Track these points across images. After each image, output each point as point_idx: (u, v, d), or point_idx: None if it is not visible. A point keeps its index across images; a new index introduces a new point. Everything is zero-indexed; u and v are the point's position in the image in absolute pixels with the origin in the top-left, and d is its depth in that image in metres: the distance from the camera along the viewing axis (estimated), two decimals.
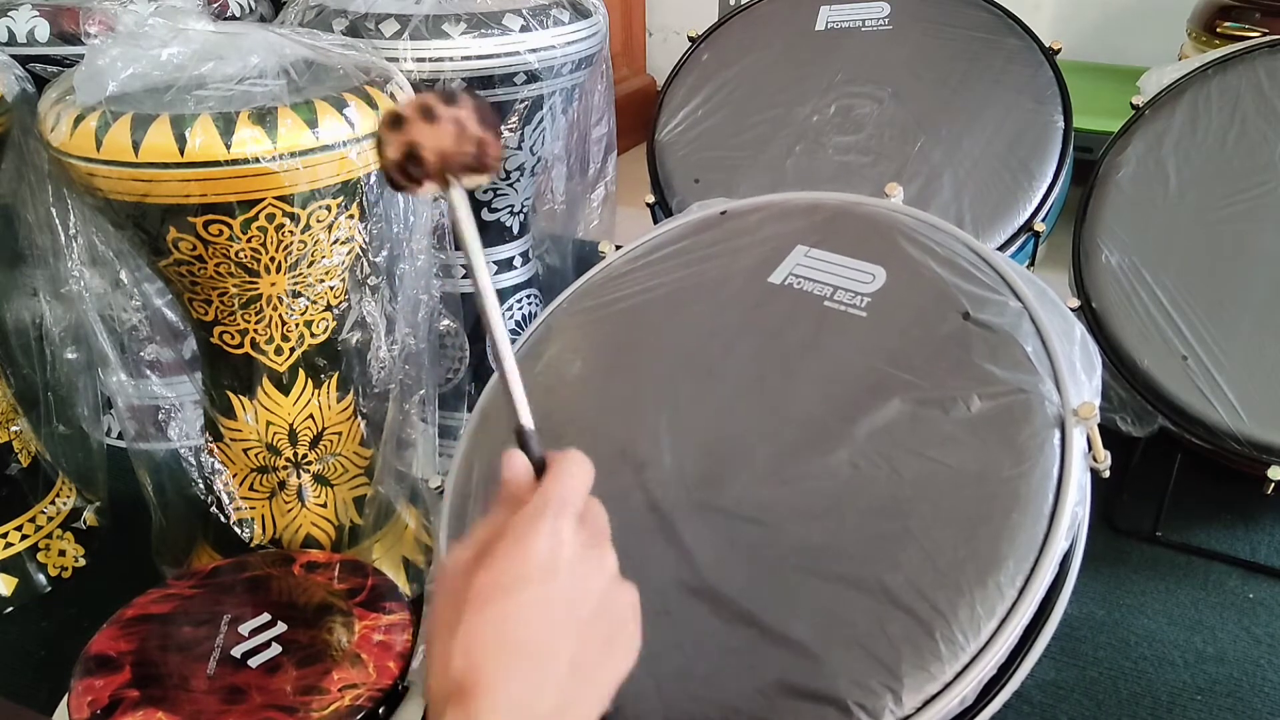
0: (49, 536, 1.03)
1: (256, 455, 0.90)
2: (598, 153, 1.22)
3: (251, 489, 0.91)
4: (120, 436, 1.12)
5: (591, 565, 0.46)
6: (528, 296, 1.18)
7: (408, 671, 0.75)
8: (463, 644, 0.42)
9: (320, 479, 0.92)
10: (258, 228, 0.77)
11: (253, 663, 0.74)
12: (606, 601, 0.46)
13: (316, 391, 0.89)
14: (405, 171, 0.46)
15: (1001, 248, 1.09)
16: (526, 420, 0.49)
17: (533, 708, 0.42)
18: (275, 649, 0.75)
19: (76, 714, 0.70)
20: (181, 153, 0.71)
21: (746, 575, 0.69)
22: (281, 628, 0.77)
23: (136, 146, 0.72)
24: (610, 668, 0.46)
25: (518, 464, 0.48)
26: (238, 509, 0.91)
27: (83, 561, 1.05)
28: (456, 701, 0.41)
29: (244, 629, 0.77)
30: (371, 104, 0.79)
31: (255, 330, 0.84)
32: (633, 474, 0.76)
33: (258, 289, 0.81)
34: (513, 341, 1.14)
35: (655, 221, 1.24)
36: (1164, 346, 1.00)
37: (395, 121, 0.45)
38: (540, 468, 0.48)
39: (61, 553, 1.04)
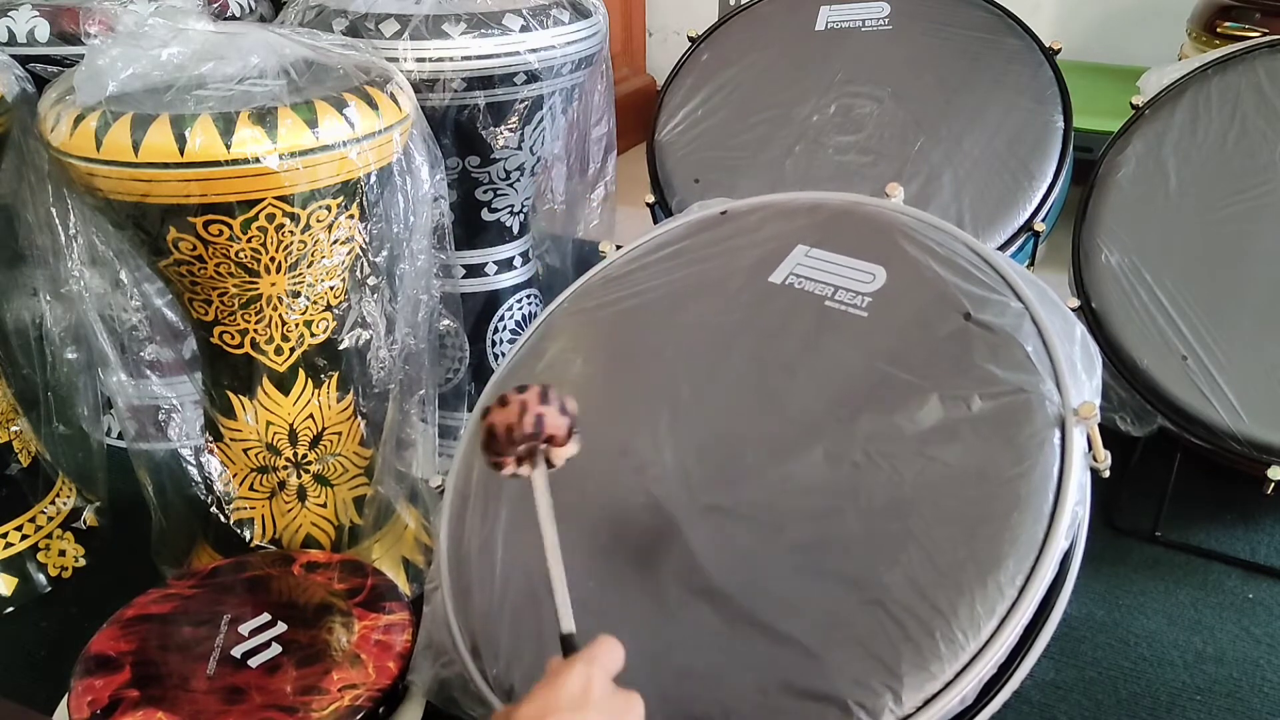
0: (49, 536, 1.03)
1: (256, 455, 0.90)
2: (598, 153, 1.22)
3: (251, 489, 0.91)
4: (120, 436, 1.12)
5: (620, 703, 0.52)
6: (528, 296, 1.18)
7: (407, 671, 0.75)
8: None
9: (320, 479, 0.92)
10: (258, 228, 0.77)
11: (253, 663, 0.74)
12: None
13: (316, 391, 0.89)
14: (488, 448, 0.58)
15: (1001, 248, 1.09)
16: (568, 626, 0.55)
17: None
18: (275, 649, 0.75)
19: (76, 714, 0.70)
20: (181, 153, 0.71)
21: (747, 575, 0.69)
22: (281, 628, 0.77)
23: (136, 146, 0.72)
24: None
25: (556, 660, 0.55)
26: (238, 509, 0.91)
27: (83, 561, 1.05)
28: None
29: (244, 629, 0.77)
30: (371, 104, 0.79)
31: (255, 330, 0.84)
32: (633, 474, 0.76)
33: (258, 289, 0.81)
34: (512, 341, 1.14)
35: (655, 221, 1.24)
36: (1164, 346, 1.00)
37: (483, 414, 0.58)
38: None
39: (62, 553, 1.04)
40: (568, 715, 0.49)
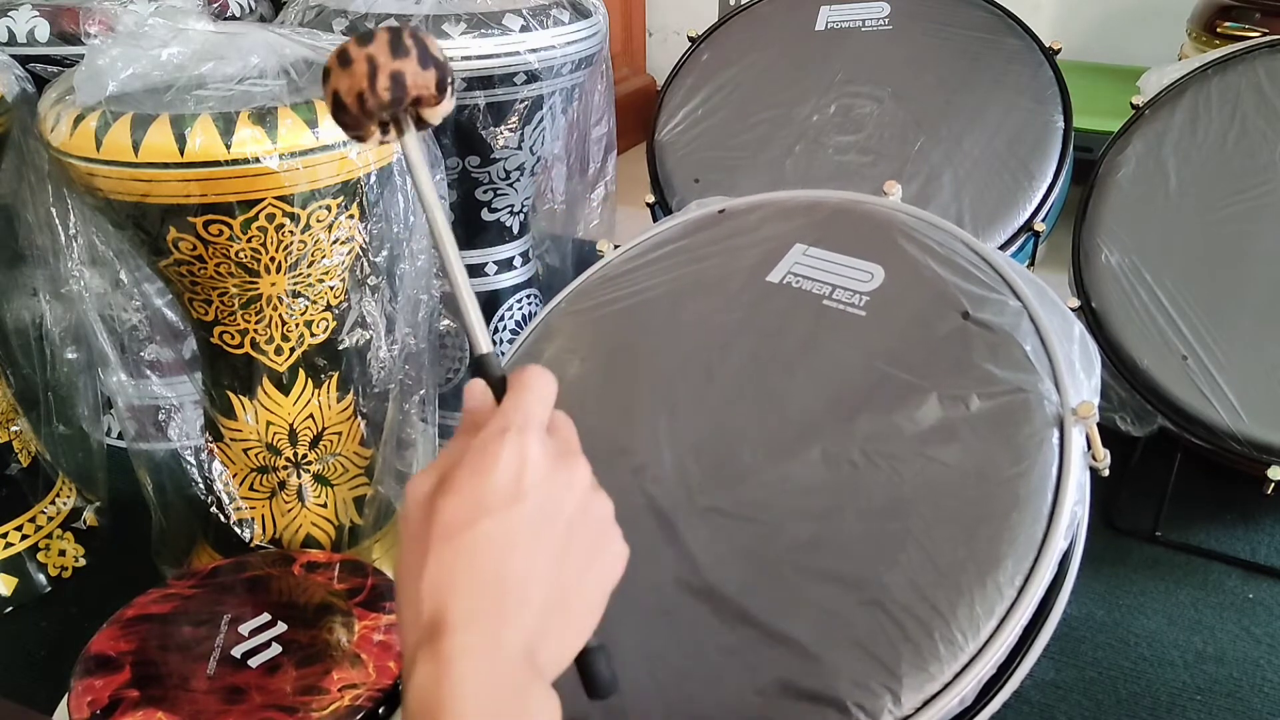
0: (49, 536, 1.03)
1: (256, 455, 0.90)
2: (597, 152, 1.22)
3: (251, 489, 0.91)
4: (120, 436, 1.12)
5: (560, 483, 0.42)
6: (527, 296, 1.18)
7: None
8: (430, 584, 0.39)
9: (320, 479, 0.92)
10: (258, 228, 0.77)
11: (253, 663, 0.73)
12: (581, 519, 0.42)
13: (316, 391, 0.89)
14: (341, 122, 0.45)
15: (1002, 247, 1.09)
16: (485, 345, 0.46)
17: (507, 642, 0.39)
18: (275, 649, 0.75)
19: (76, 714, 0.69)
20: (181, 153, 0.71)
21: (746, 575, 0.69)
22: (281, 628, 0.77)
23: (136, 146, 0.72)
24: (593, 586, 0.43)
25: (477, 390, 0.45)
26: (238, 509, 0.91)
27: (83, 561, 1.05)
28: (427, 645, 0.38)
29: (244, 629, 0.76)
30: None
31: (255, 330, 0.84)
32: (632, 474, 0.76)
33: (258, 289, 0.81)
34: (511, 341, 1.15)
35: (655, 221, 1.24)
36: (1164, 346, 1.00)
37: (324, 75, 0.45)
38: (501, 390, 0.45)
39: (61, 553, 1.04)
40: (492, 522, 0.39)
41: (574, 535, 0.42)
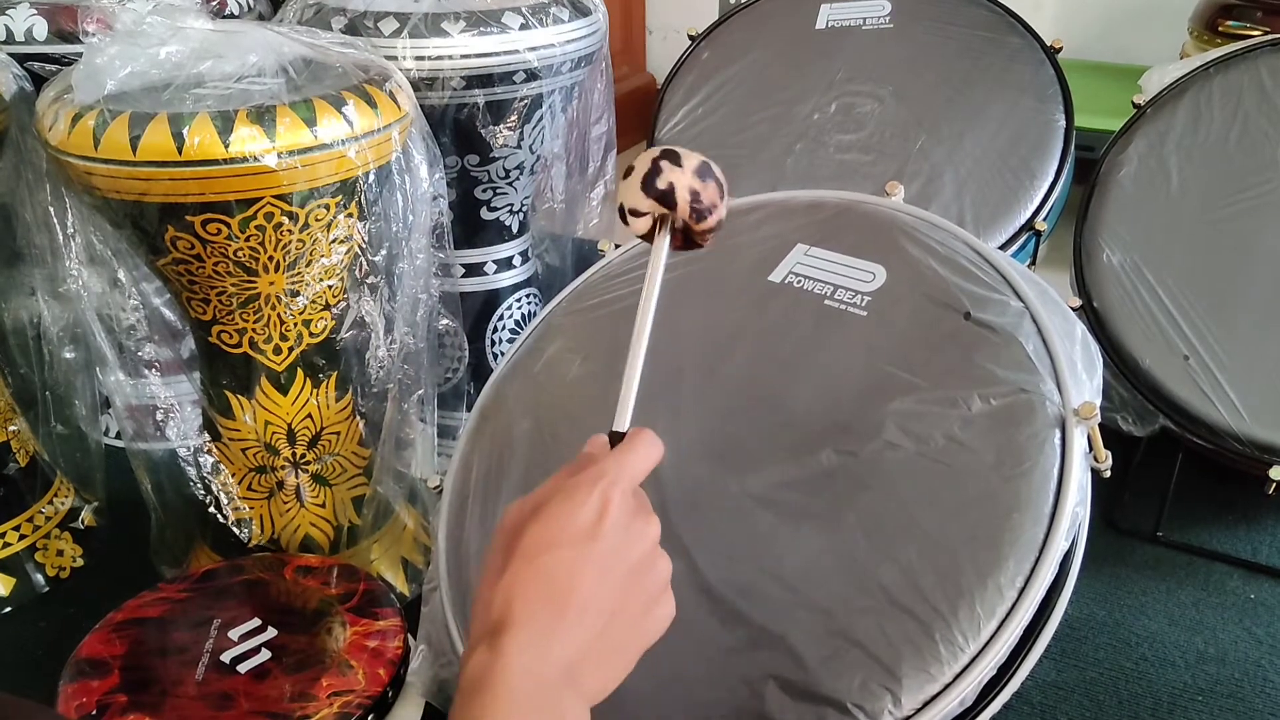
0: (47, 536, 1.03)
1: (255, 455, 0.89)
2: (597, 151, 1.22)
3: (250, 489, 0.91)
4: (118, 436, 1.12)
5: (634, 534, 0.48)
6: (527, 296, 1.18)
7: (397, 679, 0.74)
8: (504, 590, 0.45)
9: (319, 479, 0.92)
10: (256, 226, 0.76)
11: (242, 668, 0.73)
12: (643, 570, 0.48)
13: (315, 391, 0.89)
14: (650, 190, 0.53)
15: (1003, 247, 1.09)
16: (624, 428, 0.52)
17: (555, 651, 0.44)
18: (265, 654, 0.74)
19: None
20: (179, 151, 0.71)
21: (746, 575, 0.68)
22: (272, 633, 0.76)
23: (134, 145, 0.71)
24: (638, 634, 0.48)
25: (599, 441, 0.52)
26: (236, 509, 0.91)
27: (81, 561, 1.05)
28: (488, 637, 0.45)
29: (234, 634, 0.76)
30: (370, 102, 0.78)
31: (253, 329, 0.84)
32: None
33: (256, 288, 0.81)
34: (511, 341, 1.14)
35: None
36: (1165, 346, 1.00)
37: (672, 157, 0.53)
38: (617, 442, 0.52)
39: (59, 553, 1.03)
40: (568, 552, 0.46)
41: (633, 583, 0.47)
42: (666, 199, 0.53)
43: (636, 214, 0.54)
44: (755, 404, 0.77)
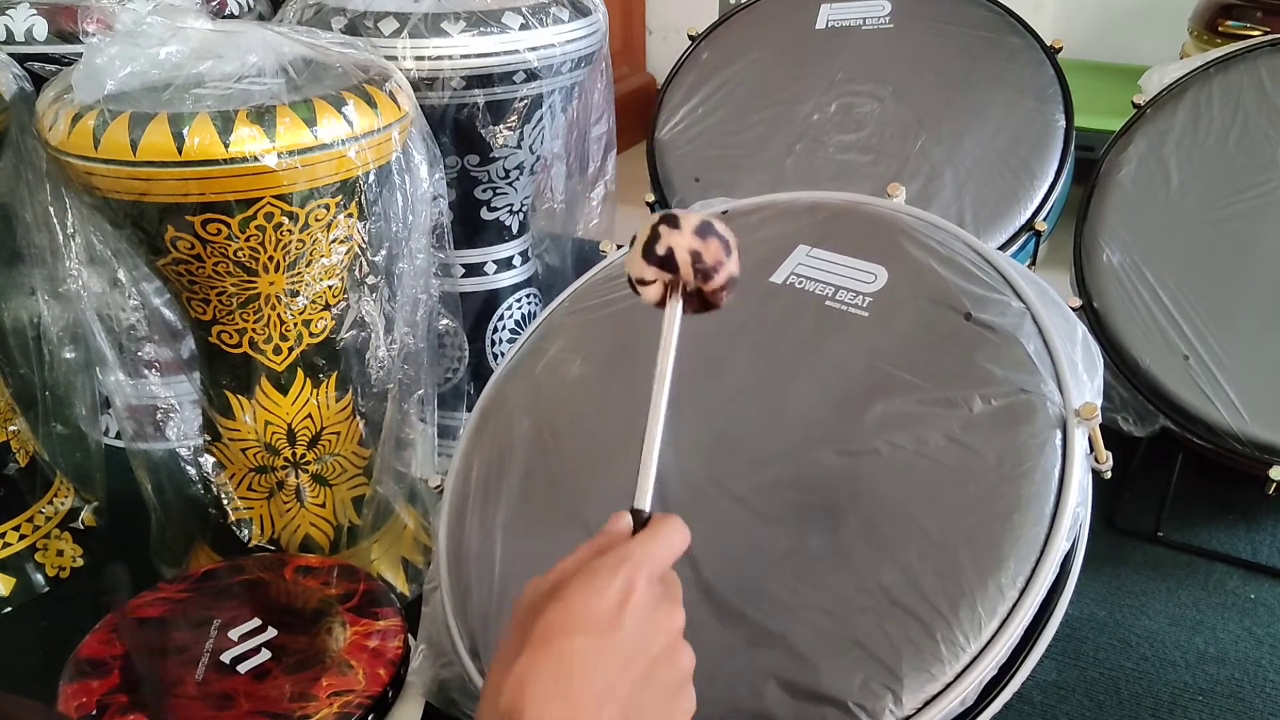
0: (47, 536, 1.03)
1: (255, 455, 0.89)
2: (597, 151, 1.22)
3: (250, 489, 0.91)
4: (118, 436, 1.12)
5: (657, 624, 0.46)
6: (527, 296, 1.18)
7: (398, 679, 0.74)
8: (516, 678, 0.43)
9: (319, 479, 0.92)
10: (256, 226, 0.76)
11: (241, 668, 0.73)
12: (666, 662, 0.46)
13: (315, 391, 0.89)
14: (650, 257, 0.53)
15: (1003, 247, 1.09)
16: (645, 505, 0.51)
17: None
18: (265, 654, 0.74)
19: None
20: (180, 151, 0.71)
21: (746, 574, 0.68)
22: (271, 633, 0.76)
23: (134, 145, 0.71)
24: None
25: (623, 517, 0.50)
26: (236, 509, 0.91)
27: (81, 562, 1.05)
28: None
29: (234, 634, 0.76)
30: (370, 102, 0.78)
31: (253, 330, 0.84)
32: (632, 474, 0.75)
33: (256, 288, 0.81)
34: (511, 341, 1.14)
35: None
36: (1165, 346, 1.00)
37: (670, 221, 0.53)
38: (641, 525, 0.50)
39: (59, 553, 1.03)
40: (586, 639, 0.43)
41: (654, 675, 0.45)
42: (668, 264, 0.52)
43: (644, 283, 0.54)
44: (756, 404, 0.77)
